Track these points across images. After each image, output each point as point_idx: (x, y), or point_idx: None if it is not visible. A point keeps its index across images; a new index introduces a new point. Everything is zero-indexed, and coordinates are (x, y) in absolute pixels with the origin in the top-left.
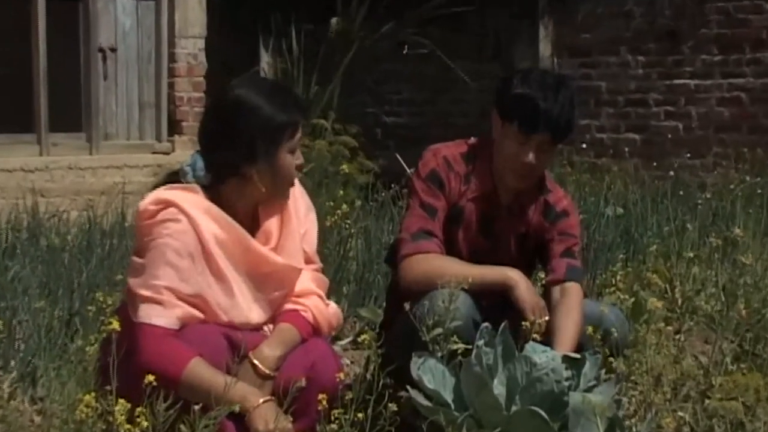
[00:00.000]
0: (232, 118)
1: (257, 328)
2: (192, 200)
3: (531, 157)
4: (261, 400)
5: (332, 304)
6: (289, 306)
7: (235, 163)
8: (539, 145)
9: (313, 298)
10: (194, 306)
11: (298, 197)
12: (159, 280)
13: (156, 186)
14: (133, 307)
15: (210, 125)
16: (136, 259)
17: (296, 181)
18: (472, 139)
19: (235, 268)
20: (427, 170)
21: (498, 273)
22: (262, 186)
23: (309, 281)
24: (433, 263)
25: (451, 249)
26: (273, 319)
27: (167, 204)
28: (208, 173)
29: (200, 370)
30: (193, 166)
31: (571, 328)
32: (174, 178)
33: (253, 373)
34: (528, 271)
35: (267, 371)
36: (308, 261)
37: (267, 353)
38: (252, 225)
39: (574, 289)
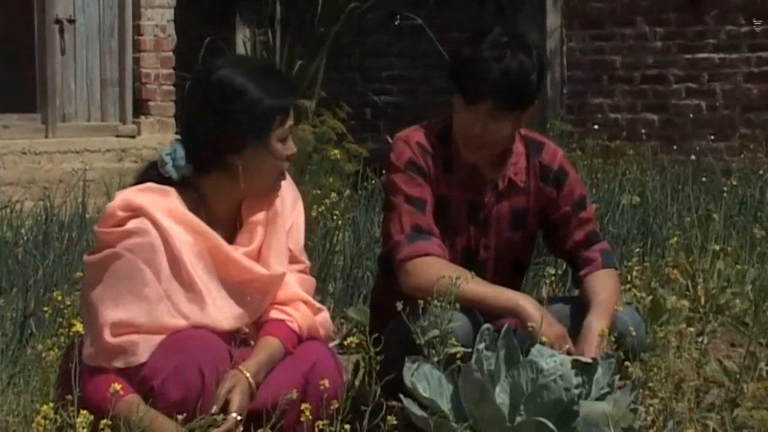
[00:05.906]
0: (216, 101)
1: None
2: (166, 207)
3: (479, 128)
4: None
5: (323, 312)
6: (274, 315)
7: (220, 153)
8: (491, 113)
9: (300, 306)
10: (156, 333)
11: (285, 186)
12: (119, 313)
13: (135, 180)
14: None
15: (191, 110)
16: (89, 259)
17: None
18: (445, 117)
19: (211, 279)
20: (404, 160)
21: (508, 299)
22: (247, 179)
23: (295, 285)
24: (438, 271)
25: None
26: (254, 324)
27: (137, 212)
28: (189, 164)
29: (129, 409)
30: (173, 156)
31: (604, 292)
32: (153, 170)
33: (247, 385)
34: (529, 249)
35: (255, 386)
36: (294, 260)
37: (255, 369)
38: (235, 223)
39: (611, 272)
